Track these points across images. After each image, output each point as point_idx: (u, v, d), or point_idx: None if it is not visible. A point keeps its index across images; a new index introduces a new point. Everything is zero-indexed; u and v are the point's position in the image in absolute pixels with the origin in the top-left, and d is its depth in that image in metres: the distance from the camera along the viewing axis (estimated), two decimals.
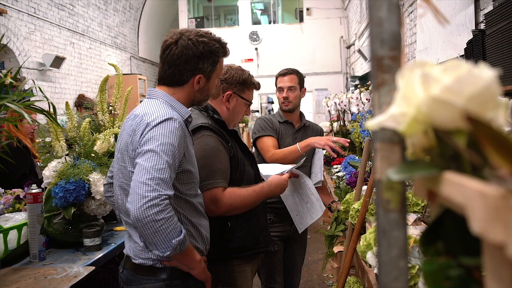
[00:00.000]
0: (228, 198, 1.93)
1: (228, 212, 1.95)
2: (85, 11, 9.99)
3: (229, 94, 2.15)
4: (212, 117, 2.07)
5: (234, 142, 2.08)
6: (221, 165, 1.96)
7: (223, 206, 1.92)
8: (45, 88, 8.13)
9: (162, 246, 1.43)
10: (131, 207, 1.40)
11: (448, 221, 0.50)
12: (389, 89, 0.56)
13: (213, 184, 1.91)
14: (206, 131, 2.00)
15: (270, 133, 2.84)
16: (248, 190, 2.01)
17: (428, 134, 0.51)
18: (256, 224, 2.10)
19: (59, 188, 2.24)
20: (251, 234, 2.06)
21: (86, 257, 2.17)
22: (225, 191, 1.94)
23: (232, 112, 2.20)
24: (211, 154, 1.95)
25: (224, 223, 2.00)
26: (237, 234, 2.02)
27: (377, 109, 0.57)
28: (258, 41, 14.62)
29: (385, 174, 0.56)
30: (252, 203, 2.02)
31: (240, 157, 2.08)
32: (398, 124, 0.51)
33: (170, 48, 1.66)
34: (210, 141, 1.97)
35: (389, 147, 0.56)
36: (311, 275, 4.63)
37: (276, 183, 2.10)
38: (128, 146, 1.58)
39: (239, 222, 2.03)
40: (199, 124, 1.99)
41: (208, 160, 1.92)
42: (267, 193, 2.08)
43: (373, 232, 1.53)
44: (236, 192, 1.96)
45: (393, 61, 0.56)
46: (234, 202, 1.94)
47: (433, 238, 0.52)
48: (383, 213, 0.57)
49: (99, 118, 2.73)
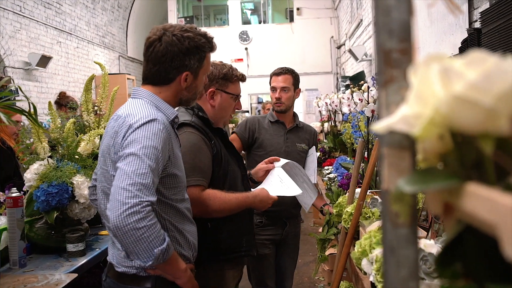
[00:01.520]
0: (205, 199, 1.86)
1: (204, 213, 1.87)
2: (73, 10, 9.85)
3: (212, 91, 2.08)
4: (196, 114, 2.00)
5: (218, 140, 2.01)
6: (201, 163, 1.89)
7: (200, 206, 1.83)
8: (31, 88, 7.99)
9: (143, 256, 1.34)
10: (110, 215, 1.32)
11: (469, 240, 0.43)
12: (399, 86, 0.49)
13: (191, 182, 1.83)
14: (187, 127, 1.94)
15: (238, 131, 2.82)
16: (230, 196, 1.93)
17: (444, 138, 0.44)
18: (239, 227, 2.03)
19: (41, 191, 2.16)
20: (232, 237, 1.99)
21: (69, 263, 2.10)
22: (204, 192, 1.87)
23: (219, 109, 2.12)
24: (191, 151, 1.88)
25: (204, 224, 1.92)
26: (218, 236, 1.95)
27: (384, 110, 0.50)
28: (248, 41, 14.56)
29: (394, 184, 0.49)
30: (232, 209, 1.94)
31: (225, 155, 2.00)
32: (411, 127, 0.44)
33: (154, 45, 1.58)
34: (191, 138, 1.91)
35: (398, 152, 0.49)
36: (302, 278, 4.57)
37: (262, 199, 2.04)
38: (110, 149, 1.50)
39: (221, 224, 1.95)
40: (181, 121, 1.92)
41: (188, 158, 1.84)
42: (250, 204, 2.02)
43: (368, 238, 1.47)
44: (217, 194, 1.89)
45: (403, 54, 0.49)
46: (212, 204, 1.86)
47: (451, 259, 0.45)
48: (390, 228, 0.50)
49: (84, 119, 2.65)
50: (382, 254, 0.52)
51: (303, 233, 5.26)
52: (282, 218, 2.79)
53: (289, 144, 2.84)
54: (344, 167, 3.10)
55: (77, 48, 10.06)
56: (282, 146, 2.81)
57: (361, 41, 9.81)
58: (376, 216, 1.91)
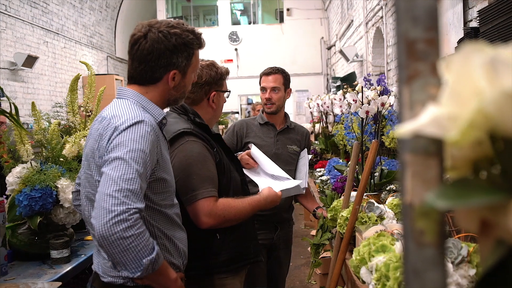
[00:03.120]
0: (221, 209, 1.77)
1: (221, 224, 1.80)
2: (60, 9, 9.71)
3: (214, 94, 2.00)
4: (193, 120, 1.91)
5: (218, 146, 1.93)
6: (210, 172, 1.81)
7: (217, 218, 1.76)
8: (17, 88, 7.86)
9: (131, 266, 1.26)
10: (95, 223, 1.23)
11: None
12: (424, 82, 0.42)
13: (204, 194, 1.75)
14: (189, 136, 1.83)
15: (225, 137, 2.75)
16: (244, 202, 1.87)
17: (483, 143, 0.38)
18: (245, 234, 1.95)
19: (23, 195, 2.08)
20: (241, 245, 1.92)
21: (53, 270, 2.02)
22: (218, 202, 1.79)
23: (217, 109, 2.08)
24: (198, 161, 1.79)
25: (212, 235, 1.83)
26: (227, 246, 1.87)
27: (407, 110, 0.43)
28: (238, 41, 14.50)
29: (420, 197, 0.42)
30: (247, 216, 1.89)
31: (226, 162, 1.93)
32: (444, 130, 0.37)
33: (139, 42, 1.49)
34: (195, 147, 1.81)
35: (424, 160, 0.42)
36: (294, 282, 4.51)
37: (272, 200, 1.99)
38: (95, 153, 1.41)
39: (229, 233, 1.87)
40: (181, 130, 1.82)
41: (196, 168, 1.76)
42: (261, 207, 1.96)
43: (367, 246, 1.40)
44: (231, 203, 1.81)
45: (430, 45, 0.42)
46: (228, 214, 1.79)
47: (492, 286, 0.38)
48: (414, 248, 0.43)
49: (69, 120, 2.56)
50: (403, 277, 0.45)
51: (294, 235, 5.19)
52: (273, 222, 2.72)
53: (279, 146, 2.77)
54: (338, 169, 3.03)
55: (65, 48, 9.92)
56: (272, 148, 2.74)
57: (351, 42, 9.79)
58: (373, 221, 1.84)
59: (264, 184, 2.16)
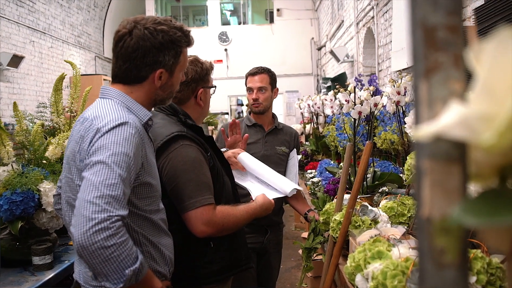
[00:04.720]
0: (220, 218, 1.69)
1: (219, 233, 1.71)
2: (47, 8, 9.57)
3: (201, 91, 1.92)
4: (185, 123, 1.82)
5: (211, 150, 1.85)
6: (206, 178, 1.72)
7: (216, 227, 1.68)
8: (2, 88, 7.71)
9: (113, 277, 1.18)
10: (74, 232, 1.15)
11: None
12: (446, 76, 0.36)
13: (202, 202, 1.66)
14: (183, 140, 1.73)
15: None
16: (241, 210, 1.80)
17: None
18: (237, 240, 1.88)
19: (3, 199, 2.00)
20: (234, 252, 1.84)
21: (35, 278, 1.95)
22: (216, 210, 1.70)
23: (205, 107, 1.99)
24: (194, 167, 1.70)
25: (205, 243, 1.76)
26: (220, 254, 1.79)
27: (425, 108, 0.36)
28: (228, 42, 14.43)
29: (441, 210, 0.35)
30: (244, 224, 1.83)
31: (219, 166, 1.85)
32: (474, 132, 0.31)
33: (124, 39, 1.41)
34: (190, 151, 1.72)
35: (445, 167, 0.36)
36: (284, 285, 4.44)
37: (267, 208, 1.93)
38: (76, 156, 1.33)
39: (223, 241, 1.79)
40: (175, 133, 1.73)
41: (193, 174, 1.68)
42: (257, 215, 1.89)
43: (363, 252, 1.34)
44: (229, 212, 1.74)
45: (452, 33, 0.36)
46: (227, 223, 1.71)
47: None
48: (433, 269, 0.37)
49: (53, 121, 2.48)
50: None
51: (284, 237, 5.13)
52: (263, 225, 2.65)
53: (268, 147, 2.71)
54: (330, 171, 2.97)
55: (51, 48, 9.77)
56: (261, 150, 2.68)
57: (342, 42, 9.77)
58: (367, 225, 1.79)
59: (256, 190, 2.10)
